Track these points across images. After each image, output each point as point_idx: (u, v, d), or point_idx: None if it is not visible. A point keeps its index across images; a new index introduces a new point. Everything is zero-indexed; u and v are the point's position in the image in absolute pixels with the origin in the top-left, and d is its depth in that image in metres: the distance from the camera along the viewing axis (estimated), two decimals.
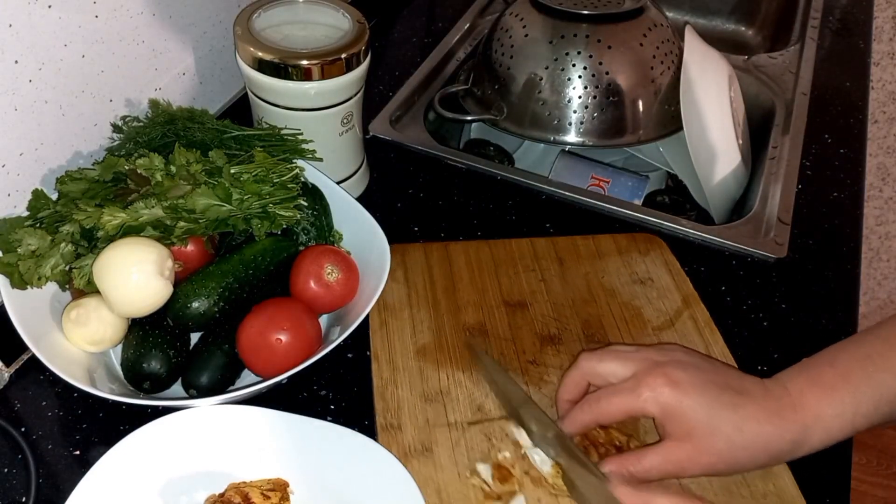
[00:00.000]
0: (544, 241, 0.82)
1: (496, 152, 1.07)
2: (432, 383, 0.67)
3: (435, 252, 0.80)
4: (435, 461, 0.61)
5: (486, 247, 0.81)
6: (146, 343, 0.64)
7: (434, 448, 0.62)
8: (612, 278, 0.78)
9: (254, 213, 0.67)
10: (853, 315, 0.77)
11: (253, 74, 0.74)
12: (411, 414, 0.65)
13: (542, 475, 0.60)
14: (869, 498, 1.79)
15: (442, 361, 0.69)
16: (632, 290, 0.77)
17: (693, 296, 0.77)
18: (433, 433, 0.63)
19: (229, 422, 0.60)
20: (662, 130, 0.96)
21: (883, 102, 1.70)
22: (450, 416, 0.65)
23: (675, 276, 0.79)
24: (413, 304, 0.74)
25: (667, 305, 0.76)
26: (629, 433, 0.64)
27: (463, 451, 0.62)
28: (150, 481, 0.58)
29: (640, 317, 0.74)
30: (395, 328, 0.72)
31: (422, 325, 0.72)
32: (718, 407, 0.55)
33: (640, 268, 0.79)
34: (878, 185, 1.85)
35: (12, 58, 0.64)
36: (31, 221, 0.65)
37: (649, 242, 0.83)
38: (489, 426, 0.64)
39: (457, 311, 0.74)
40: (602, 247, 0.82)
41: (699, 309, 0.75)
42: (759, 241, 0.84)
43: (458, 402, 0.66)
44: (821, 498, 0.62)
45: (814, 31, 1.18)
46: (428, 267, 0.78)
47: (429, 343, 0.71)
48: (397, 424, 0.64)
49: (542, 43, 0.93)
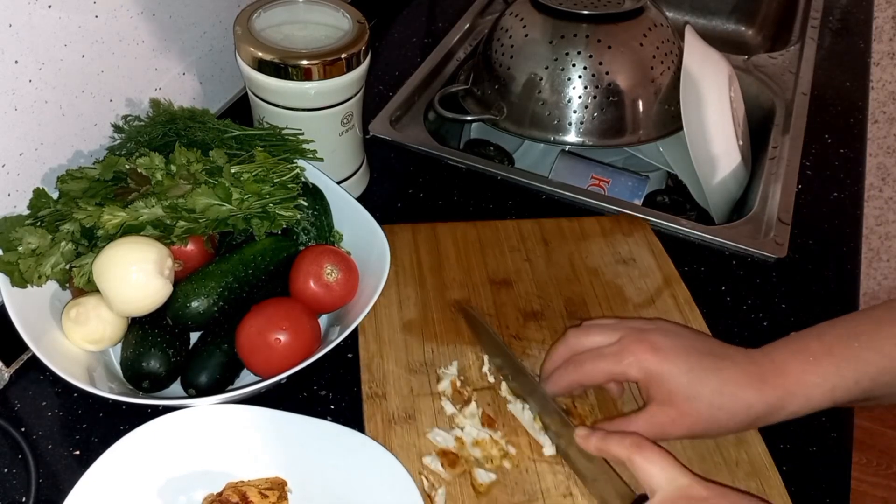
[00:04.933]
0: (530, 222, 0.84)
1: (496, 152, 1.07)
2: (417, 356, 0.69)
3: (422, 232, 0.82)
4: (418, 428, 0.63)
5: (472, 228, 0.83)
6: (146, 342, 0.64)
7: (417, 415, 0.64)
8: (595, 258, 0.80)
9: (254, 213, 0.67)
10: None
11: (253, 74, 0.74)
12: (396, 384, 0.66)
13: (525, 427, 0.63)
14: (869, 498, 1.79)
15: (427, 336, 0.71)
16: (615, 270, 0.79)
17: (674, 275, 0.79)
18: (417, 402, 0.65)
19: (228, 421, 0.60)
20: (662, 130, 0.96)
21: (883, 102, 1.70)
22: (433, 385, 0.66)
23: (657, 257, 0.81)
24: (400, 281, 0.76)
25: (648, 284, 0.77)
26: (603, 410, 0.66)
27: (445, 418, 0.64)
28: (148, 480, 0.58)
29: (622, 295, 0.76)
30: (383, 304, 0.73)
31: (408, 301, 0.74)
32: (699, 370, 0.56)
33: (624, 248, 0.81)
34: (878, 185, 1.85)
35: (12, 58, 0.64)
36: (31, 220, 0.65)
37: (633, 224, 0.85)
38: (478, 394, 0.66)
39: (443, 288, 0.76)
40: (586, 229, 0.84)
41: (680, 288, 0.77)
42: (759, 241, 0.84)
43: (441, 372, 0.67)
44: (821, 498, 0.62)
45: (814, 31, 1.18)
46: (415, 246, 0.80)
47: (415, 318, 0.72)
48: (382, 393, 0.65)
49: (542, 43, 0.93)
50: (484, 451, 0.61)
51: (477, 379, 0.67)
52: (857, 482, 1.79)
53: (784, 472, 0.61)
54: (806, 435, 0.65)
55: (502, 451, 0.62)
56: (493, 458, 0.61)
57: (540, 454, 0.62)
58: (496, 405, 0.65)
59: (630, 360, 0.58)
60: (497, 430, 0.63)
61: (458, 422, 0.64)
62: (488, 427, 0.63)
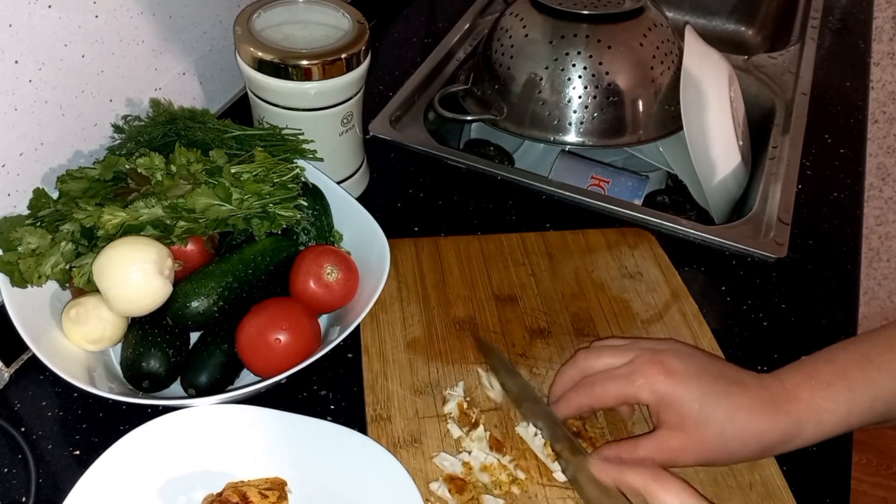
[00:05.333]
0: (534, 235, 0.83)
1: (496, 152, 1.07)
2: (422, 376, 0.68)
3: (425, 247, 0.81)
4: (424, 452, 0.62)
5: (476, 241, 0.82)
6: (146, 342, 0.64)
7: (423, 439, 0.63)
8: (601, 272, 0.79)
9: (254, 213, 0.67)
10: (853, 315, 0.77)
11: (253, 74, 0.74)
12: (401, 406, 0.65)
13: (534, 451, 0.62)
14: (869, 498, 1.79)
15: (432, 355, 0.70)
16: (621, 284, 0.78)
17: (682, 289, 0.77)
18: (422, 424, 0.64)
19: (228, 421, 0.60)
20: (662, 130, 0.96)
21: (883, 102, 1.70)
22: (439, 407, 0.65)
23: (664, 270, 0.79)
24: (404, 298, 0.75)
25: (655, 299, 0.76)
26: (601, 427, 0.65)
27: (451, 441, 0.63)
28: (148, 480, 0.58)
29: (629, 310, 0.75)
30: (386, 322, 0.72)
31: (412, 319, 0.73)
32: (712, 395, 0.55)
33: (630, 262, 0.80)
34: (878, 185, 1.85)
35: (12, 58, 0.64)
36: (31, 220, 0.65)
37: (638, 237, 0.84)
38: (485, 416, 0.65)
39: (447, 304, 0.75)
40: (591, 241, 0.83)
41: (688, 302, 0.76)
42: (759, 241, 0.84)
43: (448, 393, 0.66)
44: (821, 498, 0.62)
45: (814, 31, 1.18)
46: (418, 262, 0.79)
47: (419, 337, 0.71)
48: (387, 416, 0.64)
49: (542, 43, 0.93)
50: (492, 477, 0.60)
51: (484, 400, 0.66)
52: (857, 482, 1.79)
53: (784, 472, 0.61)
54: None
55: (511, 476, 0.60)
56: (502, 483, 0.59)
57: (550, 479, 0.60)
58: (503, 427, 0.64)
59: (642, 383, 0.56)
60: (505, 454, 0.62)
61: (466, 445, 0.62)
62: (496, 451, 0.62)
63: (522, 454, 0.62)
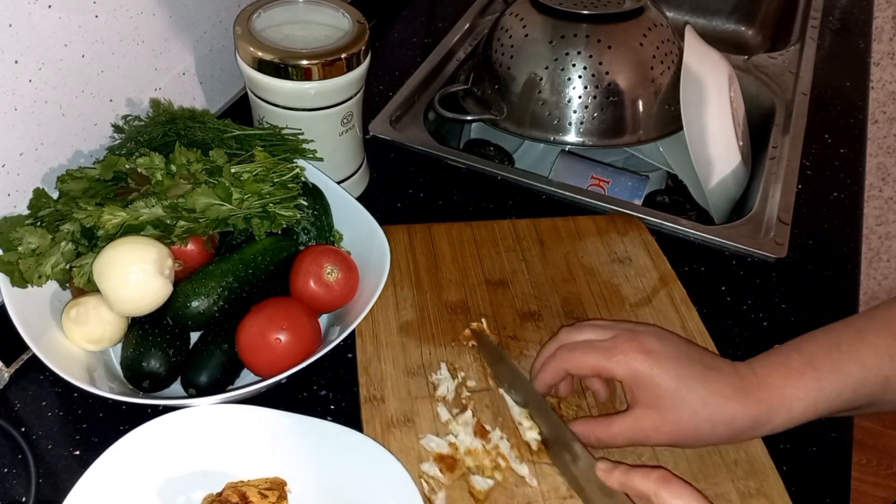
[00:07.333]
0: (525, 222, 0.84)
1: (496, 152, 1.07)
2: (414, 358, 0.69)
3: (418, 233, 0.81)
4: (416, 432, 0.63)
5: (468, 228, 0.83)
6: (146, 342, 0.64)
7: (415, 419, 0.64)
8: (591, 258, 0.80)
9: (254, 213, 0.67)
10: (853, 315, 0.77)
11: (253, 74, 0.74)
12: (394, 387, 0.66)
13: (527, 441, 0.63)
14: (869, 498, 1.79)
15: (424, 337, 0.71)
16: (610, 269, 0.79)
17: (670, 274, 0.78)
18: (415, 405, 0.65)
19: (228, 421, 0.60)
20: (662, 130, 0.96)
21: (883, 102, 1.70)
22: (431, 388, 0.66)
23: (653, 256, 0.80)
24: (397, 282, 0.76)
25: (644, 284, 0.77)
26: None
27: (442, 422, 0.64)
28: (148, 480, 0.58)
29: (619, 294, 0.76)
30: (379, 306, 0.73)
31: (405, 303, 0.74)
32: (687, 378, 0.56)
33: (619, 248, 0.81)
34: (878, 185, 1.85)
35: (12, 58, 0.64)
36: (31, 220, 0.65)
37: (628, 223, 0.85)
38: (476, 396, 0.66)
39: (439, 289, 0.76)
40: (582, 227, 0.84)
41: (676, 287, 0.77)
42: (759, 241, 0.84)
43: (439, 375, 0.67)
44: (821, 498, 0.62)
45: (814, 31, 1.18)
46: (411, 247, 0.80)
47: (412, 320, 0.72)
48: (380, 396, 0.65)
49: (542, 43, 0.93)
50: (476, 461, 0.61)
51: (475, 381, 0.67)
52: (857, 482, 1.79)
53: (784, 472, 0.61)
54: (806, 435, 0.65)
55: (494, 463, 0.61)
56: (485, 468, 0.60)
57: (538, 459, 0.61)
58: (494, 408, 0.65)
59: (619, 358, 0.57)
60: (489, 441, 0.62)
61: (452, 429, 0.63)
62: (480, 437, 0.63)
63: (513, 433, 0.63)
